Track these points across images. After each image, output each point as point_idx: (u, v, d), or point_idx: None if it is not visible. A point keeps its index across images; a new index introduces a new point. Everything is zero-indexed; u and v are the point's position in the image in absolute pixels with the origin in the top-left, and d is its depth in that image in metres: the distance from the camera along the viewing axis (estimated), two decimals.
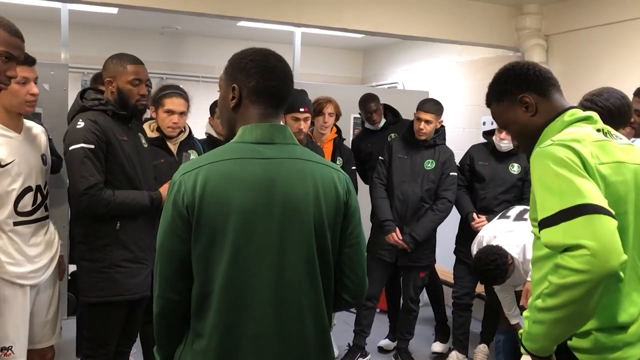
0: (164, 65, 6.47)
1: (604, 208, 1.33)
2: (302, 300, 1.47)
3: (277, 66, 1.55)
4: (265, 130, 1.50)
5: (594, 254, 1.27)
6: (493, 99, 1.69)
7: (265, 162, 1.46)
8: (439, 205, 3.84)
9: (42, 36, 5.02)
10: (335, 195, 1.52)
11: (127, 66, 2.54)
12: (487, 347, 4.05)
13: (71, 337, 3.49)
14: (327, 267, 1.53)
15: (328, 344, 1.56)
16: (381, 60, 7.06)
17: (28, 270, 2.41)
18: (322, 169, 1.53)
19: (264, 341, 1.45)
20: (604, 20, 4.16)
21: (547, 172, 1.40)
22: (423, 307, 5.42)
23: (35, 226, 2.46)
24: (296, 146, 1.54)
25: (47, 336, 2.61)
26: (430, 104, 3.84)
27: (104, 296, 2.50)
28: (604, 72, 4.03)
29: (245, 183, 1.44)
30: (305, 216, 1.46)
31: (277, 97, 1.53)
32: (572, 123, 1.56)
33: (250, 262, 1.43)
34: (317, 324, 1.51)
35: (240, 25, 5.44)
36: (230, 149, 1.50)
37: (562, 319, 1.33)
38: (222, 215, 1.42)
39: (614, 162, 1.48)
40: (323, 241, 1.50)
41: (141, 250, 2.59)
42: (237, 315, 1.44)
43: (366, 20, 4.32)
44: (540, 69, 1.63)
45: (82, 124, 2.44)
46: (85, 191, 2.41)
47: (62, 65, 3.86)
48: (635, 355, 1.51)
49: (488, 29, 4.65)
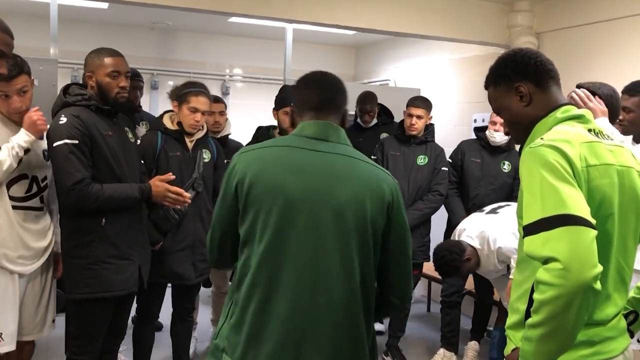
0: (154, 61, 6.43)
1: (583, 219, 1.32)
2: (333, 291, 1.51)
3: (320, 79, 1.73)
4: (320, 127, 1.61)
5: (565, 267, 1.27)
6: (491, 82, 1.67)
7: (318, 155, 1.56)
8: (430, 197, 3.88)
9: (31, 31, 4.97)
10: (381, 197, 1.56)
11: (104, 59, 2.52)
12: (477, 344, 4.06)
13: (61, 334, 3.46)
14: (367, 265, 1.56)
15: (359, 343, 1.57)
16: (373, 57, 7.06)
17: (16, 255, 2.45)
18: (371, 168, 1.60)
19: (290, 323, 1.50)
20: (595, 18, 4.18)
21: (534, 176, 1.41)
22: (414, 304, 5.47)
23: (27, 213, 2.49)
24: (349, 147, 1.63)
25: (36, 329, 2.62)
26: (420, 99, 3.93)
27: (90, 293, 2.48)
28: (594, 69, 4.04)
29: (296, 170, 1.54)
30: (348, 211, 1.51)
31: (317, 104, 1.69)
32: (564, 120, 1.56)
33: (288, 244, 1.51)
34: (348, 317, 1.53)
35: (232, 21, 5.41)
36: (287, 139, 1.65)
37: (546, 334, 1.32)
38: (269, 196, 1.52)
39: (602, 165, 1.48)
40: (364, 239, 1.54)
41: (127, 247, 2.57)
42: (269, 292, 1.51)
43: (358, 16, 4.31)
44: (542, 60, 1.62)
45: (64, 119, 2.43)
46: (73, 187, 2.39)
47: (51, 61, 3.83)
48: (616, 349, 1.52)
49: (480, 26, 4.66)
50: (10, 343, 2.45)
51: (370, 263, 1.57)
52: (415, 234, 3.84)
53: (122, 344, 3.26)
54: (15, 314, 2.47)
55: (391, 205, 1.58)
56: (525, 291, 1.51)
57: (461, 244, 3.12)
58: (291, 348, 1.50)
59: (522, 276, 1.56)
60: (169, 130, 3.09)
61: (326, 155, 1.57)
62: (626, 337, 1.57)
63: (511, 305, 1.59)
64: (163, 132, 3.08)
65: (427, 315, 5.31)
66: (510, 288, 3.29)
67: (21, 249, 2.47)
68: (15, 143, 2.39)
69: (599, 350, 1.48)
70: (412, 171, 3.89)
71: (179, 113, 3.08)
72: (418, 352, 4.32)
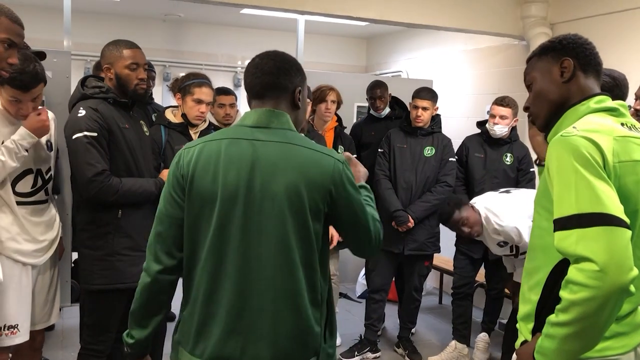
0: (166, 53, 6.45)
1: (620, 219, 1.30)
2: (273, 279, 1.51)
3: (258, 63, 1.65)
4: (261, 115, 1.60)
5: (602, 269, 1.26)
6: (537, 52, 1.63)
7: (256, 144, 1.54)
8: (438, 188, 3.87)
9: (44, 23, 5.01)
10: (319, 183, 1.52)
11: (123, 51, 2.53)
12: (488, 336, 4.06)
13: (75, 324, 3.51)
14: (309, 252, 1.54)
15: (305, 328, 1.55)
16: (385, 49, 7.02)
17: (31, 250, 2.48)
18: (311, 154, 1.55)
19: (234, 312, 1.52)
20: (609, 9, 4.13)
21: (567, 167, 1.37)
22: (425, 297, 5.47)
23: (34, 207, 2.51)
24: (291, 131, 1.60)
25: (45, 317, 2.67)
26: (425, 91, 3.90)
27: (105, 284, 2.51)
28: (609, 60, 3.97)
29: (232, 162, 1.53)
30: (284, 200, 1.50)
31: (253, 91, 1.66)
32: (598, 111, 1.52)
33: (229, 237, 1.52)
34: (291, 305, 1.52)
35: (244, 12, 5.41)
36: (228, 131, 1.63)
37: (573, 334, 1.31)
38: (209, 191, 1.54)
39: (632, 161, 1.45)
40: (304, 227, 1.52)
41: (143, 239, 2.57)
42: (214, 284, 1.54)
43: (370, 7, 4.29)
44: (597, 52, 1.61)
45: (83, 112, 2.44)
46: (94, 178, 2.40)
47: (64, 53, 3.85)
48: (628, 344, 1.50)
49: (493, 17, 4.62)
50: (25, 334, 2.49)
51: (312, 250, 1.55)
52: (424, 225, 3.87)
53: None
54: (28, 306, 2.51)
55: (332, 191, 1.54)
56: (536, 282, 1.50)
57: (462, 200, 3.33)
58: (236, 337, 1.52)
59: (532, 264, 1.54)
60: (173, 123, 3.09)
61: (264, 144, 1.54)
62: (639, 333, 1.55)
63: (522, 295, 1.57)
64: (166, 126, 3.09)
65: (439, 307, 5.31)
66: (512, 285, 3.35)
67: (32, 243, 2.49)
68: (18, 144, 2.36)
69: (611, 345, 1.47)
70: (419, 163, 3.88)
71: (183, 105, 3.08)
72: (430, 345, 4.32)
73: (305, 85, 1.71)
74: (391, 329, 4.52)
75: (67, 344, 3.88)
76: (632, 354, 1.51)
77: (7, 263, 2.41)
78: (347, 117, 4.58)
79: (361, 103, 4.80)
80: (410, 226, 3.80)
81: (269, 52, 1.66)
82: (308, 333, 1.56)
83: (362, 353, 3.99)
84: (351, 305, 4.66)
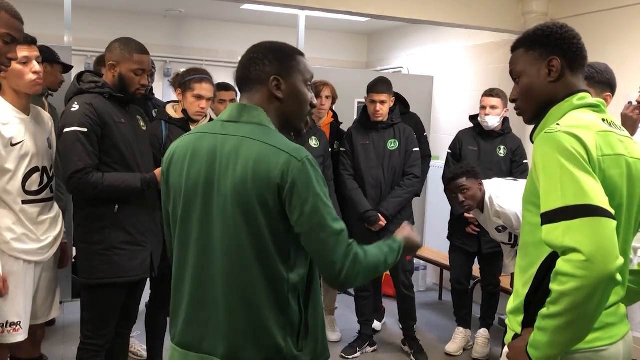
0: (167, 49, 6.45)
1: (605, 209, 1.33)
2: (226, 274, 1.51)
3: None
4: (233, 109, 1.60)
5: (589, 259, 1.28)
6: (525, 44, 1.62)
7: (221, 138, 1.55)
8: (406, 181, 3.81)
9: (45, 19, 5.00)
10: (265, 179, 1.46)
11: (133, 55, 2.52)
12: (487, 332, 4.07)
13: (76, 319, 3.52)
14: (263, 249, 1.49)
15: (260, 328, 1.50)
16: (386, 45, 7.01)
17: (36, 248, 2.50)
18: (264, 149, 1.48)
19: (194, 303, 1.57)
20: (610, 5, 4.12)
21: (552, 163, 1.39)
22: (425, 293, 5.48)
23: (42, 205, 2.53)
24: (258, 125, 1.53)
25: (46, 311, 2.68)
26: (380, 84, 3.78)
27: (104, 278, 2.51)
28: (610, 56, 3.98)
29: (196, 157, 1.57)
30: (233, 195, 1.49)
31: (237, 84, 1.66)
32: (580, 107, 1.55)
33: (191, 228, 1.57)
34: (244, 304, 1.50)
35: (244, 8, 5.41)
36: (204, 126, 1.66)
37: (564, 325, 1.33)
38: (177, 184, 1.60)
39: (615, 155, 1.47)
40: (252, 222, 1.48)
41: (140, 233, 2.59)
42: (181, 275, 1.61)
43: (371, 3, 4.28)
44: (583, 45, 1.60)
45: (77, 107, 2.44)
46: (72, 175, 2.42)
47: (65, 48, 3.86)
48: (617, 334, 1.54)
49: (494, 12, 4.61)
50: (25, 332, 2.50)
51: (266, 247, 1.49)
52: (398, 220, 3.69)
53: (136, 329, 3.31)
54: (29, 303, 2.52)
55: (282, 187, 1.46)
56: (530, 278, 1.52)
57: (477, 174, 3.35)
58: (197, 327, 1.57)
59: (525, 261, 1.56)
60: (173, 119, 3.09)
61: (225, 139, 1.53)
62: (626, 324, 1.60)
63: (516, 291, 1.60)
64: (167, 122, 3.09)
65: (439, 303, 5.31)
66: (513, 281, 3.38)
67: (37, 242, 2.50)
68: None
69: (600, 336, 1.49)
70: (384, 158, 3.81)
71: (183, 101, 3.08)
72: (432, 340, 4.32)
73: (295, 74, 1.59)
74: (392, 324, 4.53)
75: (68, 339, 3.89)
76: (620, 344, 1.54)
77: (12, 261, 2.42)
78: (347, 114, 4.58)
79: (362, 99, 4.80)
80: (382, 225, 3.74)
81: (256, 44, 1.62)
82: (264, 333, 1.50)
83: (363, 348, 4.01)
84: (350, 300, 4.65)
